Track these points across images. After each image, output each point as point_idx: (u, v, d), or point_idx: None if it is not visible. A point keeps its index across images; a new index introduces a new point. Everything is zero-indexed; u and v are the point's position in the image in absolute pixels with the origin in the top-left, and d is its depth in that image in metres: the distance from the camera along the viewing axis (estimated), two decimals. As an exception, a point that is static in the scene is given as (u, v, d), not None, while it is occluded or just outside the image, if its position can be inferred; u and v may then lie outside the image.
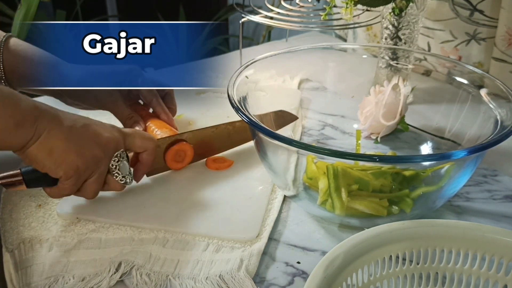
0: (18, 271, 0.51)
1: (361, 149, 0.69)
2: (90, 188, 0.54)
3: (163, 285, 0.48)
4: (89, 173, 0.53)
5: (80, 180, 0.53)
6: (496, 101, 0.57)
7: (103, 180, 0.55)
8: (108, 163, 0.54)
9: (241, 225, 0.55)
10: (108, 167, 0.55)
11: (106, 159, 0.54)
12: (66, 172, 0.51)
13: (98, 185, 0.55)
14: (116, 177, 0.55)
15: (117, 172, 0.55)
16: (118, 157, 0.55)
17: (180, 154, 0.64)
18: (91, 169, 0.53)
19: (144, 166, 0.59)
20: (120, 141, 0.56)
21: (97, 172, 0.53)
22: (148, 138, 0.59)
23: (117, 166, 0.55)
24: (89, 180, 0.54)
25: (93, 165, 0.53)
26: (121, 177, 0.56)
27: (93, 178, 0.54)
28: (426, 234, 0.43)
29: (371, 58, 0.79)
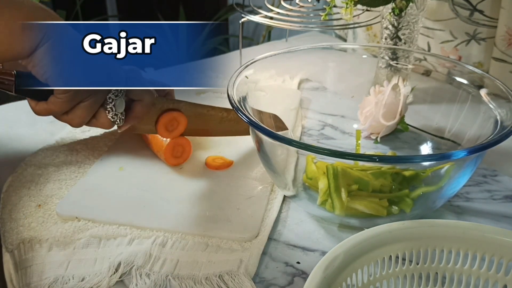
0: (18, 271, 0.51)
1: (361, 149, 0.69)
2: (80, 112, 0.51)
3: (162, 285, 0.48)
4: (85, 95, 0.50)
5: (74, 100, 0.50)
6: (496, 101, 0.57)
7: (95, 110, 0.52)
8: (106, 92, 0.52)
9: (241, 225, 0.55)
10: (104, 98, 0.52)
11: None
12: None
13: (88, 113, 0.52)
14: (108, 113, 0.53)
15: (111, 107, 0.53)
16: (118, 91, 0.53)
17: (173, 123, 0.63)
18: (89, 92, 0.50)
19: (133, 116, 0.56)
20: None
21: (94, 97, 0.51)
22: (149, 91, 0.56)
23: (113, 100, 0.53)
24: (82, 104, 0.51)
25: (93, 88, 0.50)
26: (113, 114, 0.53)
27: (87, 102, 0.51)
28: (426, 234, 0.43)
29: (371, 58, 0.79)
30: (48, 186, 0.62)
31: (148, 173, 0.64)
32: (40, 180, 0.63)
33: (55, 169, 0.65)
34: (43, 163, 0.66)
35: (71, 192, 0.60)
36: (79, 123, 0.52)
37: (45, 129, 0.76)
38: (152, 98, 0.57)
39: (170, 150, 0.64)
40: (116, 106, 0.53)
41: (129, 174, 0.64)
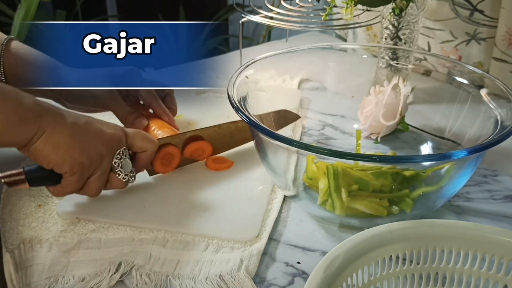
0: (18, 271, 0.51)
1: (361, 149, 0.69)
2: (93, 185, 0.54)
3: (163, 285, 0.48)
4: (92, 169, 0.53)
5: (84, 177, 0.53)
6: (496, 101, 0.57)
7: (106, 177, 0.55)
8: (111, 160, 0.55)
9: (241, 225, 0.55)
10: (111, 165, 0.55)
11: (109, 156, 0.54)
12: (71, 167, 0.51)
13: (101, 183, 0.55)
14: (118, 175, 0.56)
15: (119, 170, 0.55)
16: (121, 155, 0.55)
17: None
18: (95, 166, 0.53)
19: (140, 166, 0.59)
20: (123, 138, 0.56)
21: (101, 169, 0.54)
22: (149, 139, 0.59)
23: (119, 164, 0.55)
24: (92, 177, 0.54)
25: (97, 162, 0.53)
26: (123, 175, 0.56)
27: (96, 175, 0.54)
28: (426, 234, 0.43)
29: (371, 58, 0.79)
30: (48, 186, 0.62)
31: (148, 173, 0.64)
32: (40, 180, 0.63)
33: (55, 169, 0.65)
34: (43, 163, 0.66)
35: (71, 192, 0.60)
36: (96, 193, 0.56)
37: (45, 129, 0.76)
38: (155, 146, 0.59)
39: (160, 158, 0.62)
40: (124, 167, 0.56)
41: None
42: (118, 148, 0.55)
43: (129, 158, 0.57)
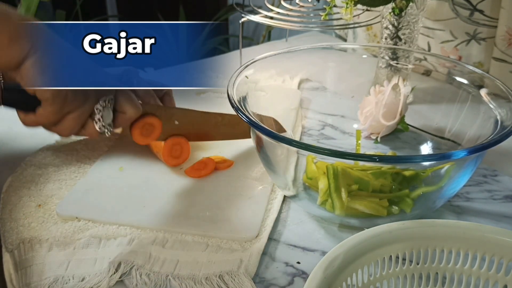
0: (18, 271, 0.51)
1: (361, 149, 0.69)
2: (68, 123, 0.52)
3: (162, 285, 0.48)
4: (73, 106, 0.51)
5: (63, 111, 0.51)
6: (496, 101, 0.57)
7: (84, 120, 0.53)
8: (94, 103, 0.52)
9: (241, 225, 0.55)
10: (92, 109, 0.52)
11: (94, 99, 0.52)
12: (54, 95, 0.49)
13: (77, 124, 0.52)
14: (96, 123, 0.53)
15: (99, 118, 0.53)
16: (106, 103, 0.53)
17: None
18: (77, 103, 0.51)
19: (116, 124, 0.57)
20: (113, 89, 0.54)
21: (82, 108, 0.51)
22: (132, 103, 0.56)
23: (100, 111, 0.53)
24: (70, 115, 0.51)
25: (81, 100, 0.51)
26: (100, 124, 0.54)
27: (75, 113, 0.51)
28: (426, 234, 0.43)
29: (371, 58, 0.79)
30: (48, 186, 0.62)
31: (148, 173, 0.64)
32: (40, 180, 0.63)
33: (55, 169, 0.65)
34: (43, 163, 0.66)
35: (71, 192, 0.60)
36: (68, 133, 0.53)
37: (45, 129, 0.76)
38: (136, 112, 0.57)
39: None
40: (104, 117, 0.54)
41: (129, 174, 0.64)
42: (106, 95, 0.53)
43: (112, 110, 0.54)
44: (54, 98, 0.49)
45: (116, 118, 0.56)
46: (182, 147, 0.65)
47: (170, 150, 0.64)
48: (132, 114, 0.57)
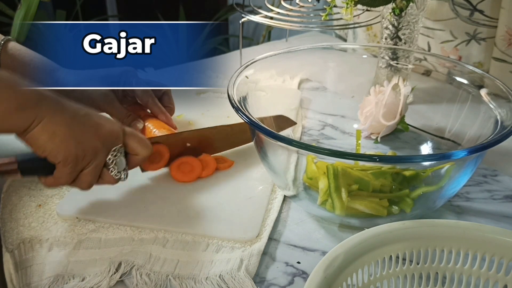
0: (18, 271, 0.51)
1: (361, 149, 0.69)
2: (85, 178, 0.54)
3: (163, 285, 0.48)
4: (86, 162, 0.52)
5: (77, 169, 0.52)
6: (496, 101, 0.57)
7: (99, 172, 0.54)
8: (105, 155, 0.54)
9: (241, 225, 0.55)
10: (105, 160, 0.54)
11: (104, 151, 0.54)
12: (65, 158, 0.51)
13: (94, 177, 0.54)
14: (111, 172, 0.55)
15: (113, 167, 0.55)
16: (116, 152, 0.55)
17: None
18: (89, 159, 0.52)
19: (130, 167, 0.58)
20: (120, 136, 0.55)
21: (94, 163, 0.53)
22: (143, 144, 0.58)
23: (113, 161, 0.55)
24: (85, 171, 0.53)
25: (91, 155, 0.52)
26: (116, 172, 0.55)
27: (89, 168, 0.53)
28: (426, 234, 0.43)
29: (371, 58, 0.79)
30: (48, 186, 0.62)
31: (149, 173, 0.64)
32: (40, 180, 0.63)
33: (55, 169, 0.65)
34: (43, 163, 0.66)
35: (71, 192, 0.60)
36: (87, 187, 0.55)
37: (45, 129, 0.76)
38: (148, 151, 0.58)
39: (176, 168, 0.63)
40: (117, 165, 0.55)
41: (129, 174, 0.64)
42: (114, 144, 0.54)
43: (123, 156, 0.56)
44: (65, 160, 0.51)
45: (129, 161, 0.58)
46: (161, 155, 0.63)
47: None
48: (145, 154, 0.58)
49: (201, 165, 0.64)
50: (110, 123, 0.55)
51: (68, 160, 0.51)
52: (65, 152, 0.50)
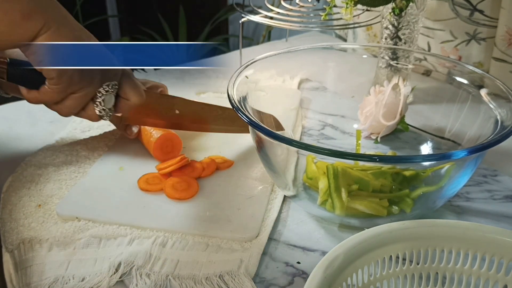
0: (18, 271, 0.51)
1: (361, 149, 0.69)
2: (70, 103, 0.52)
3: (163, 285, 0.48)
4: (77, 87, 0.51)
5: (67, 91, 0.51)
6: (496, 101, 0.57)
7: (85, 102, 0.53)
8: (97, 87, 0.53)
9: (241, 225, 0.55)
10: (95, 91, 0.53)
11: (98, 82, 0.52)
12: (60, 75, 0.49)
13: (78, 105, 0.53)
14: (96, 106, 0.54)
15: (99, 101, 0.53)
16: (109, 87, 0.53)
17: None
18: (82, 85, 0.51)
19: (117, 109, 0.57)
20: (119, 74, 0.54)
21: (85, 90, 0.52)
22: (138, 91, 0.56)
23: (102, 95, 0.53)
24: (72, 95, 0.52)
25: (85, 82, 0.51)
26: (101, 108, 0.54)
27: (77, 94, 0.52)
28: (426, 234, 0.43)
29: (371, 58, 0.79)
30: (48, 186, 0.62)
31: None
32: (40, 180, 0.63)
33: (55, 169, 0.65)
34: (43, 163, 0.66)
35: (71, 192, 0.60)
36: (68, 113, 0.53)
37: (45, 129, 0.76)
38: (140, 99, 0.57)
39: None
40: (105, 101, 0.54)
41: (129, 174, 0.64)
42: (110, 80, 0.53)
43: (114, 95, 0.54)
44: (60, 77, 0.49)
45: (119, 103, 0.56)
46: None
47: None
48: (136, 101, 0.57)
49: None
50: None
51: (62, 79, 0.49)
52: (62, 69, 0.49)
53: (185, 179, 0.62)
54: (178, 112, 0.65)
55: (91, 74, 0.51)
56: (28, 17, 0.46)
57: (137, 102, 0.57)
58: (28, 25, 0.46)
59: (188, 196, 0.59)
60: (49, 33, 0.47)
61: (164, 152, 0.65)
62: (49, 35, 0.47)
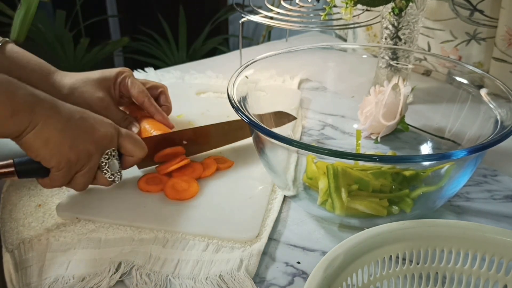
0: (18, 271, 0.51)
1: (361, 149, 0.69)
2: (80, 181, 0.55)
3: (163, 285, 0.48)
4: (80, 166, 0.54)
5: (71, 173, 0.54)
6: (496, 101, 0.57)
7: (93, 174, 0.56)
8: (99, 158, 0.55)
9: (241, 225, 0.55)
10: (98, 163, 0.55)
11: (98, 154, 0.55)
12: (58, 163, 0.52)
13: (88, 179, 0.56)
14: (105, 174, 0.56)
15: (106, 169, 0.56)
16: (109, 155, 0.56)
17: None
18: (82, 163, 0.54)
19: (125, 167, 0.59)
20: (114, 138, 0.56)
21: (88, 166, 0.54)
22: (139, 146, 0.59)
23: (106, 163, 0.56)
24: (79, 173, 0.54)
25: (84, 159, 0.53)
26: (109, 174, 0.56)
27: (83, 171, 0.54)
28: (426, 234, 0.43)
29: (371, 58, 0.79)
30: (48, 186, 0.62)
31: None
32: (40, 180, 0.63)
33: (55, 169, 0.65)
34: (43, 163, 0.66)
35: (71, 192, 0.60)
36: (82, 188, 0.56)
37: (45, 129, 0.76)
38: (142, 152, 0.59)
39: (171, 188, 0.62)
40: (110, 167, 0.56)
41: (129, 174, 0.64)
42: (108, 147, 0.56)
43: (117, 158, 0.57)
44: (58, 164, 0.52)
45: (124, 162, 0.59)
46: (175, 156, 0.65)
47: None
48: (139, 155, 0.59)
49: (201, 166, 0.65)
50: (104, 126, 0.56)
51: (61, 165, 0.52)
52: (58, 157, 0.52)
53: (185, 180, 0.62)
54: (186, 143, 0.66)
55: (87, 151, 0.53)
56: (17, 113, 0.48)
57: (141, 156, 0.59)
58: (16, 121, 0.49)
59: (188, 197, 0.59)
60: (37, 128, 0.50)
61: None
62: (37, 131, 0.50)
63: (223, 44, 2.21)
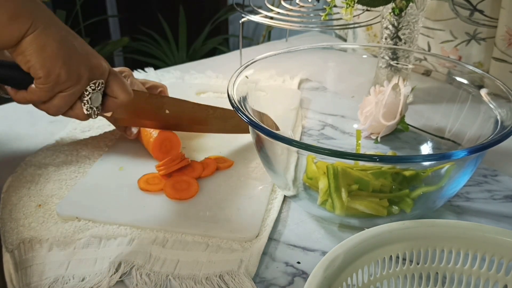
0: (18, 271, 0.51)
1: (361, 149, 0.69)
2: (57, 102, 0.52)
3: (163, 285, 0.48)
4: (65, 86, 0.51)
5: (54, 90, 0.51)
6: (496, 101, 0.57)
7: (74, 100, 0.53)
8: (85, 86, 0.53)
9: (241, 225, 0.55)
10: (82, 90, 0.53)
11: (86, 81, 0.52)
12: (47, 74, 0.49)
13: (66, 104, 0.53)
14: (84, 105, 0.54)
15: (87, 100, 0.54)
16: (96, 86, 0.54)
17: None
18: (69, 84, 0.51)
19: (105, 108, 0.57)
20: (106, 73, 0.55)
21: (73, 89, 0.52)
22: (125, 89, 0.56)
23: (90, 94, 0.53)
24: (60, 94, 0.52)
25: (73, 80, 0.51)
26: (88, 106, 0.54)
27: (65, 93, 0.52)
28: (426, 234, 0.43)
29: (371, 58, 0.79)
30: (48, 186, 0.62)
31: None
32: (40, 180, 0.63)
33: (55, 169, 0.65)
34: (43, 163, 0.66)
35: (71, 192, 0.60)
36: (56, 112, 0.54)
37: (45, 129, 0.76)
38: (127, 97, 0.57)
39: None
40: (92, 99, 0.54)
41: (129, 174, 0.64)
42: (97, 78, 0.53)
43: (101, 93, 0.55)
44: (47, 76, 0.50)
45: (106, 102, 0.56)
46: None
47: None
48: (123, 99, 0.57)
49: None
50: (100, 58, 0.54)
51: (49, 78, 0.50)
52: (49, 68, 0.49)
53: (185, 179, 0.62)
54: (168, 112, 0.65)
55: (78, 73, 0.51)
56: (15, 18, 0.47)
57: (125, 100, 0.57)
58: (15, 26, 0.47)
59: (188, 196, 0.59)
60: (35, 33, 0.48)
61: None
62: (36, 35, 0.48)
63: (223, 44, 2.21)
